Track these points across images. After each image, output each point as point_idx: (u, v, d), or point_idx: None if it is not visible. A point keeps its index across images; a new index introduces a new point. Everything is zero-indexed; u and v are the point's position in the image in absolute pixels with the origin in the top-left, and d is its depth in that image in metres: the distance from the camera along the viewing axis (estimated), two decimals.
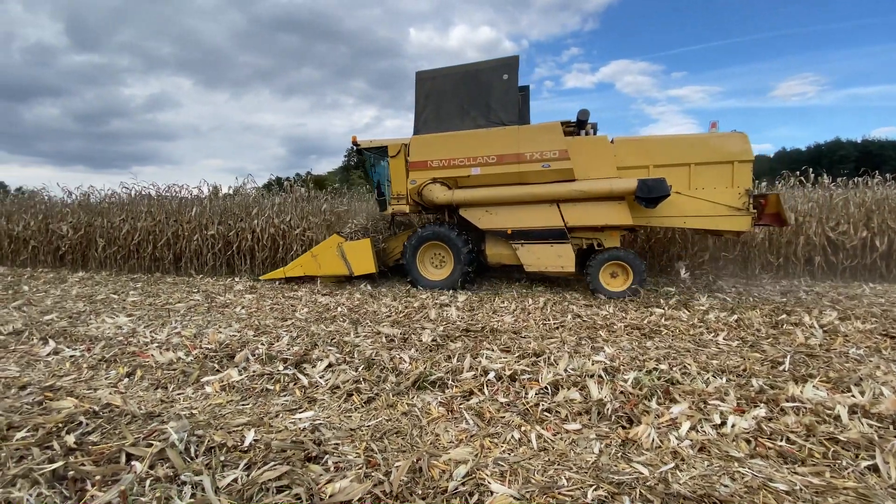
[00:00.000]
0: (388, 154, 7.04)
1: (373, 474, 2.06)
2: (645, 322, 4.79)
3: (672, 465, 2.17)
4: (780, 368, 3.40)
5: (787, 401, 2.77)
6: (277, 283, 7.69)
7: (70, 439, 2.28)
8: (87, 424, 2.48)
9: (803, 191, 8.96)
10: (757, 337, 4.29)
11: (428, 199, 6.72)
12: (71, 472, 1.97)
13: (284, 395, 3.05)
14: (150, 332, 4.52)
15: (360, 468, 2.12)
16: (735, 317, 4.96)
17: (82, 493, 1.88)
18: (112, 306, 5.86)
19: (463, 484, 1.99)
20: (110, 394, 3.00)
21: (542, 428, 2.53)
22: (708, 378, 3.18)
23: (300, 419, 2.66)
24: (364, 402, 2.92)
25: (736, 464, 2.18)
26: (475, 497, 1.92)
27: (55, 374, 3.44)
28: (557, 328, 4.62)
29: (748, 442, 2.37)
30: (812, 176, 9.12)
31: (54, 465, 2.03)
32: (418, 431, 2.53)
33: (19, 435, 2.34)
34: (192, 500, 1.84)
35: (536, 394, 2.93)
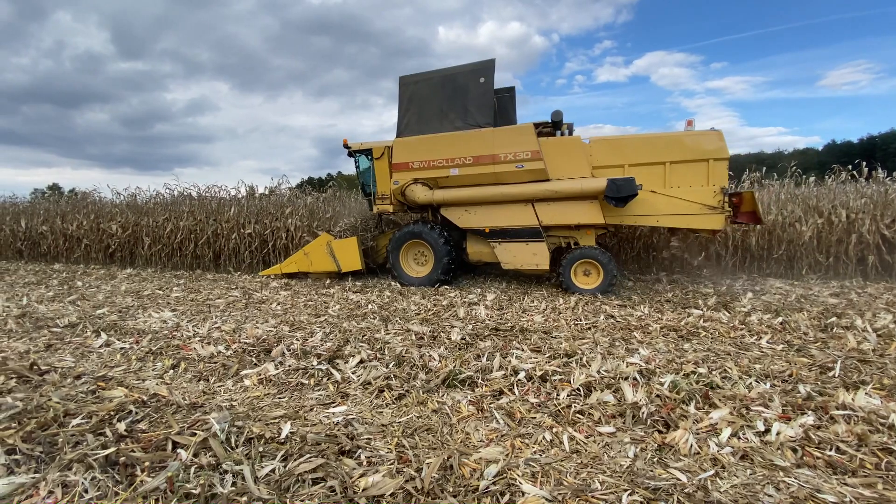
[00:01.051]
0: (373, 156, 7.30)
1: (404, 470, 2.09)
2: (682, 323, 4.63)
3: (712, 472, 2.09)
4: (830, 374, 3.22)
5: (838, 408, 2.63)
6: (310, 280, 7.89)
7: (121, 427, 2.42)
8: (137, 413, 2.63)
9: (856, 186, 8.43)
10: (804, 341, 4.08)
11: (410, 198, 6.98)
12: (122, 458, 2.09)
13: (318, 390, 3.12)
14: (193, 326, 4.73)
15: (391, 463, 2.16)
16: (780, 319, 4.72)
17: (132, 479, 2.00)
18: (157, 301, 6.16)
19: (494, 483, 1.99)
20: (157, 384, 3.17)
21: (575, 430, 2.49)
22: (750, 383, 3.05)
23: (334, 413, 2.72)
24: (395, 399, 2.95)
25: (781, 473, 2.09)
26: (506, 497, 1.91)
27: (107, 364, 3.65)
28: (589, 329, 4.53)
29: (794, 451, 2.26)
30: (865, 170, 8.56)
31: (107, 451, 2.16)
32: (448, 429, 2.55)
33: (75, 422, 2.49)
34: (233, 488, 1.92)
35: (568, 395, 2.89)
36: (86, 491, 1.92)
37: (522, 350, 3.75)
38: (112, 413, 2.59)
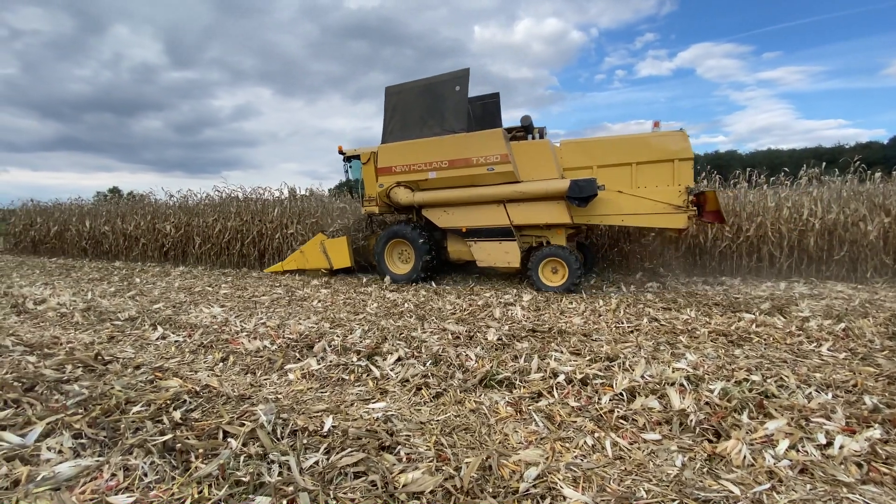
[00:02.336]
0: (361, 161, 7.79)
1: (443, 468, 2.09)
2: (732, 328, 4.40)
3: (767, 485, 1.98)
4: None
5: None
6: (346, 278, 8.08)
7: (176, 415, 2.56)
8: (190, 403, 2.78)
9: None
10: (870, 349, 3.78)
11: (394, 200, 7.41)
12: (178, 445, 2.21)
13: (358, 385, 3.19)
14: (240, 321, 4.95)
15: (430, 461, 2.17)
16: (842, 325, 4.40)
17: (187, 464, 2.11)
18: (207, 298, 6.48)
19: (534, 486, 1.96)
20: (208, 376, 3.34)
21: (618, 436, 2.42)
22: (810, 393, 2.86)
23: (373, 409, 2.77)
24: (432, 397, 2.97)
25: (844, 489, 1.94)
26: (547, 501, 1.88)
27: (163, 356, 3.88)
28: (632, 332, 4.38)
29: (859, 466, 2.11)
30: None
31: (164, 438, 2.29)
32: (486, 429, 2.54)
33: (135, 409, 2.66)
34: (279, 477, 1.99)
35: (610, 400, 2.81)
36: (145, 475, 2.05)
37: (561, 352, 3.68)
38: (168, 402, 2.74)
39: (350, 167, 8.19)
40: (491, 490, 1.94)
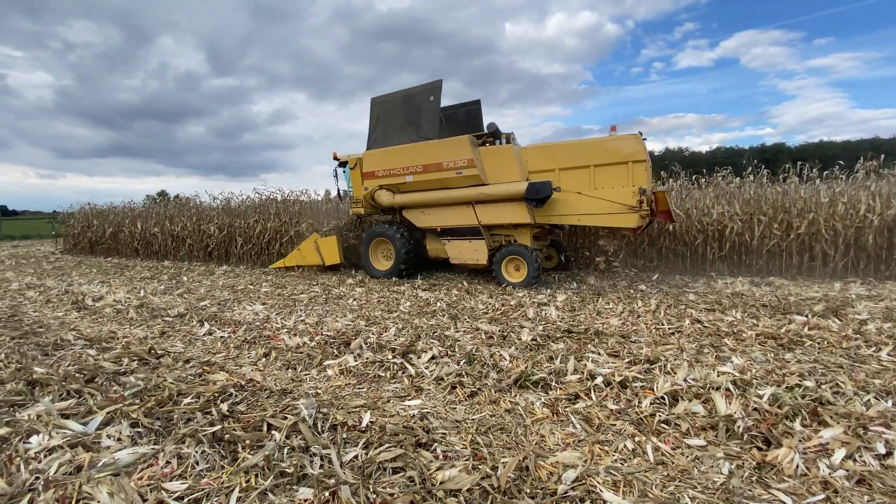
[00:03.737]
0: (349, 166, 8.43)
1: (480, 467, 2.10)
2: (782, 331, 4.18)
3: (822, 496, 1.88)
4: None
5: None
6: (373, 277, 8.21)
7: (224, 407, 2.68)
8: (236, 396, 2.90)
9: None
10: None
11: (378, 202, 7.98)
12: (226, 436, 2.32)
13: (394, 383, 3.24)
14: (281, 318, 5.12)
15: (467, 459, 2.18)
16: None
17: (235, 455, 2.21)
18: (250, 296, 6.75)
19: (573, 489, 1.94)
20: (252, 371, 3.47)
21: (660, 440, 2.35)
22: (868, 400, 2.69)
23: (409, 406, 2.81)
24: (467, 396, 2.98)
25: None
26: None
27: (210, 351, 4.07)
28: (673, 334, 4.24)
29: None
30: None
31: (214, 429, 2.40)
32: (522, 430, 2.52)
33: (186, 401, 2.81)
34: (321, 470, 2.05)
35: (651, 403, 2.73)
36: (197, 463, 2.16)
37: (599, 354, 3.61)
38: (216, 394, 2.88)
39: (343, 171, 8.83)
40: (528, 491, 1.93)
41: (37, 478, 2.02)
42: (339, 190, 9.04)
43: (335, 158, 8.64)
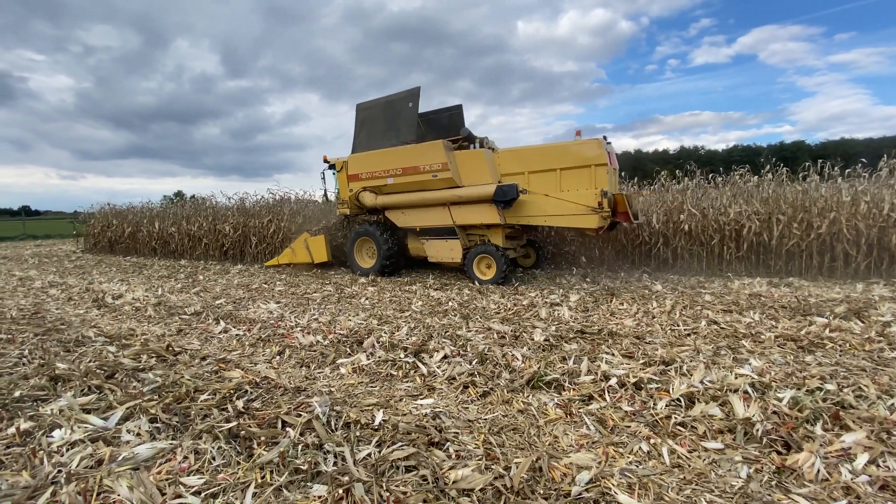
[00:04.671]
0: (336, 169, 8.82)
1: (492, 467, 2.10)
2: (803, 333, 4.09)
3: (844, 501, 1.84)
4: None
5: None
6: (384, 276, 8.25)
7: (239, 404, 2.72)
8: (251, 393, 2.94)
9: None
10: None
11: (362, 203, 8.37)
12: (242, 432, 2.35)
13: (406, 381, 3.25)
14: (294, 317, 5.18)
15: (479, 459, 2.17)
16: None
17: (250, 451, 2.24)
18: (264, 294, 6.83)
19: (587, 490, 1.92)
20: (266, 368, 3.51)
21: (676, 443, 2.32)
22: (892, 404, 2.62)
23: (421, 405, 2.81)
24: (479, 396, 2.97)
25: None
26: None
27: (225, 348, 4.13)
28: (689, 335, 4.18)
29: None
30: None
31: (230, 425, 2.44)
32: (535, 431, 2.51)
33: (203, 397, 2.86)
34: (334, 468, 2.07)
35: (667, 405, 2.70)
36: (213, 458, 2.19)
37: (613, 355, 3.57)
38: (232, 391, 2.92)
39: (334, 174, 9.17)
40: (542, 492, 1.92)
41: (59, 471, 2.08)
42: (325, 191, 9.62)
43: (325, 161, 9.06)
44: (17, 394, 2.91)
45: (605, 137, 6.70)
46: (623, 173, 9.98)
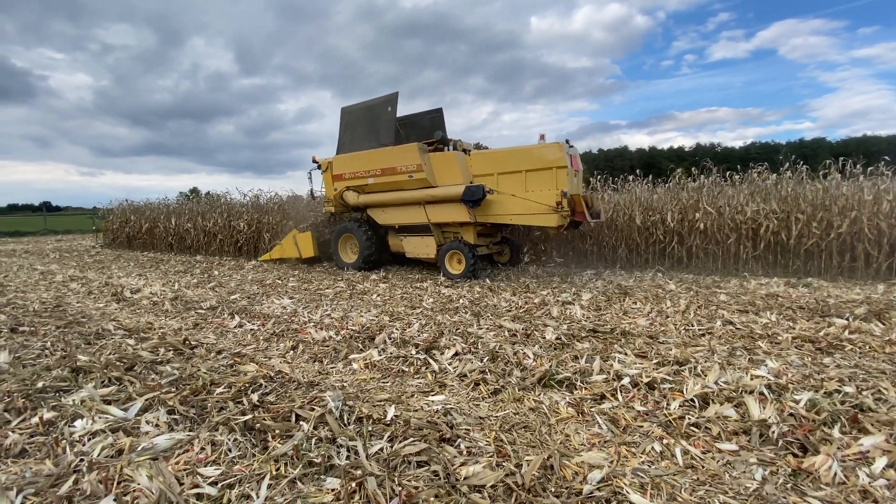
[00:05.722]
0: (322, 169, 9.20)
1: (504, 464, 2.10)
2: (821, 334, 4.01)
3: None
4: None
5: None
6: (395, 272, 8.29)
7: (254, 397, 2.77)
8: (266, 387, 2.99)
9: None
10: None
11: (346, 202, 8.81)
12: (257, 425, 2.39)
13: (418, 378, 3.27)
14: (307, 312, 5.24)
15: (490, 456, 2.18)
16: None
17: (265, 443, 2.28)
18: (278, 290, 6.92)
19: (598, 489, 1.92)
20: (280, 363, 3.57)
21: (689, 444, 2.30)
22: None
23: (433, 402, 2.83)
24: (490, 393, 2.98)
25: None
26: None
27: (240, 343, 4.20)
28: (704, 335, 4.13)
29: None
30: None
31: (245, 418, 2.49)
32: (547, 429, 2.51)
33: (219, 390, 2.91)
34: (347, 461, 2.10)
35: (680, 406, 2.67)
36: (230, 450, 2.24)
37: (625, 354, 3.55)
38: (247, 385, 2.97)
39: (322, 173, 9.49)
40: (553, 490, 1.93)
41: (81, 460, 2.14)
42: (311, 190, 10.14)
43: (314, 161, 9.39)
44: (39, 385, 2.99)
45: (567, 141, 7.08)
46: (637, 171, 9.90)
